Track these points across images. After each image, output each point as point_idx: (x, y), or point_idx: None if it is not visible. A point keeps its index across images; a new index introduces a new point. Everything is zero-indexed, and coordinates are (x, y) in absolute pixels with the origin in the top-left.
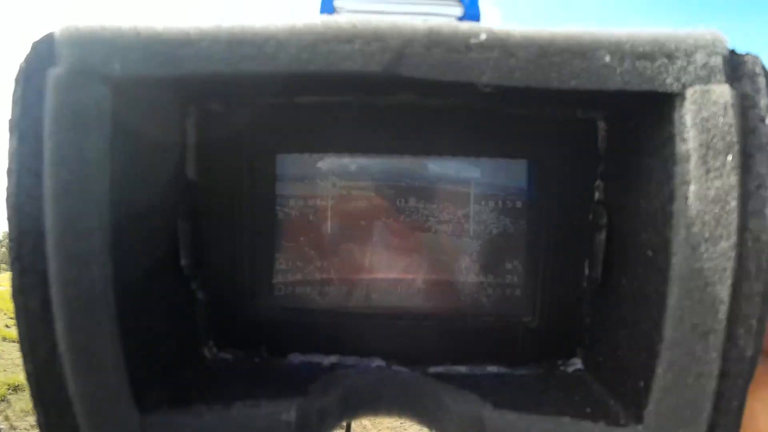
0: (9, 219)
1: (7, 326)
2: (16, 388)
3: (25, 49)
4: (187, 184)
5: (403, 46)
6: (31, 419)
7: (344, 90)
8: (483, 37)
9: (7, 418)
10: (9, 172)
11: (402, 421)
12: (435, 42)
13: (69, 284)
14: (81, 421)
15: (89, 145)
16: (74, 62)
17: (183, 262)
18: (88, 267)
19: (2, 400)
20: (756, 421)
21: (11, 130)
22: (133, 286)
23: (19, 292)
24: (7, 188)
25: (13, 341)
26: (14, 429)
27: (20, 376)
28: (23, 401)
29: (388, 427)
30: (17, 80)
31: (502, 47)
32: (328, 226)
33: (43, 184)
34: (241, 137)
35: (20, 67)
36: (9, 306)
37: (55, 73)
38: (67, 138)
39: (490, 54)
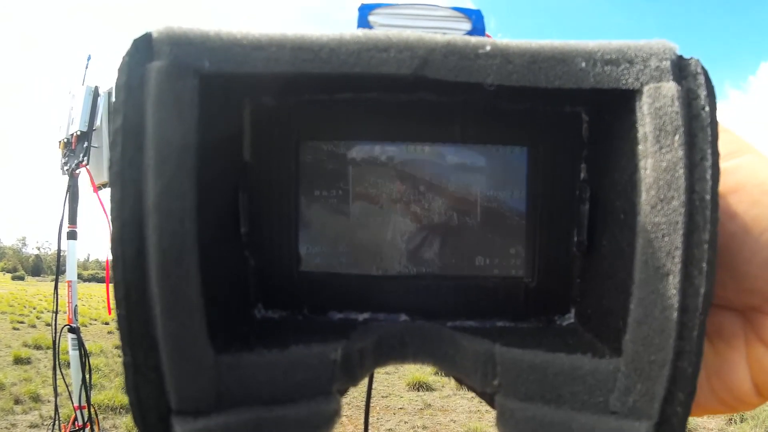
0: (112, 184)
1: None
2: None
3: (126, 45)
4: (244, 165)
5: (427, 54)
6: (12, 418)
7: (374, 88)
8: (488, 47)
9: None
10: (113, 144)
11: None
12: (451, 51)
13: (166, 235)
14: (165, 359)
15: (183, 124)
16: (173, 58)
17: (242, 230)
18: (182, 222)
19: None
20: (735, 368)
21: (116, 111)
22: (207, 245)
23: (118, 243)
24: (111, 157)
25: None
26: None
27: (0, 375)
28: (3, 400)
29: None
30: (121, 70)
31: (503, 55)
32: (355, 204)
33: (144, 154)
34: (288, 126)
35: (123, 59)
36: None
37: (156, 66)
38: (167, 118)
39: (494, 61)
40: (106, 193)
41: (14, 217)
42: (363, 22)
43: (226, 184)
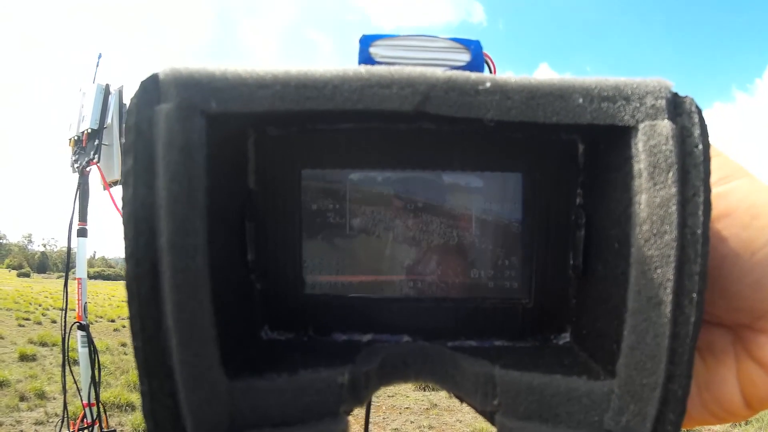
0: (125, 222)
1: None
2: (1, 384)
3: (135, 87)
4: (249, 192)
5: (429, 90)
6: (17, 415)
7: (376, 119)
8: (488, 84)
9: None
10: (125, 185)
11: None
12: (452, 87)
13: (179, 272)
14: (181, 387)
15: (193, 164)
16: (180, 101)
17: (249, 257)
18: (194, 258)
19: None
20: (725, 382)
21: (127, 151)
22: (217, 275)
23: (133, 280)
24: (124, 197)
25: None
26: (0, 424)
27: (5, 372)
28: (8, 397)
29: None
30: (130, 112)
31: (502, 91)
32: (356, 227)
33: (155, 194)
34: (291, 154)
35: (132, 101)
36: None
37: (165, 108)
38: (177, 159)
39: (493, 97)
40: (117, 191)
41: (20, 214)
42: (364, 53)
43: (233, 212)
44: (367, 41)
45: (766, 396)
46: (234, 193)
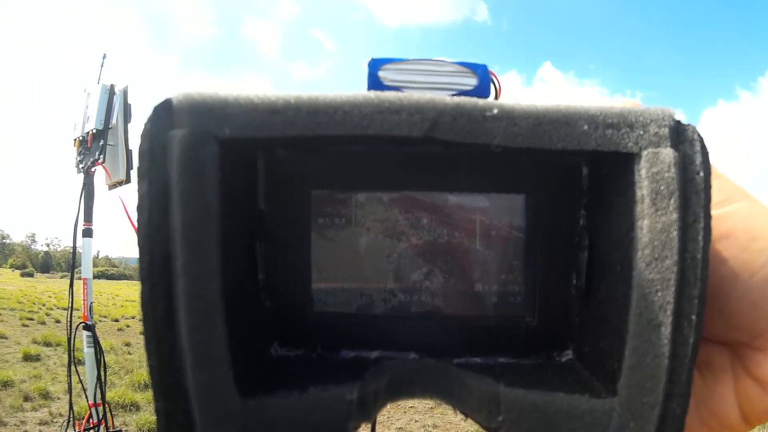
0: (140, 246)
1: None
2: (5, 384)
3: (148, 112)
4: (259, 213)
5: (437, 117)
6: (21, 415)
7: (385, 142)
8: (495, 111)
9: None
10: (140, 209)
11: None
12: (460, 114)
13: (194, 296)
14: (195, 407)
15: (207, 189)
16: (194, 127)
17: (260, 276)
18: (208, 282)
19: None
20: (723, 398)
21: (142, 176)
22: (229, 297)
23: (148, 302)
24: (139, 221)
25: (2, 337)
26: (4, 424)
27: (9, 372)
28: (12, 397)
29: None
30: (143, 136)
31: (509, 118)
32: (363, 246)
33: (169, 218)
34: (300, 175)
35: (145, 126)
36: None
37: (178, 135)
38: (191, 185)
39: (500, 123)
40: (124, 191)
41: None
42: (373, 76)
43: (244, 233)
44: (375, 65)
45: (763, 411)
46: (245, 214)
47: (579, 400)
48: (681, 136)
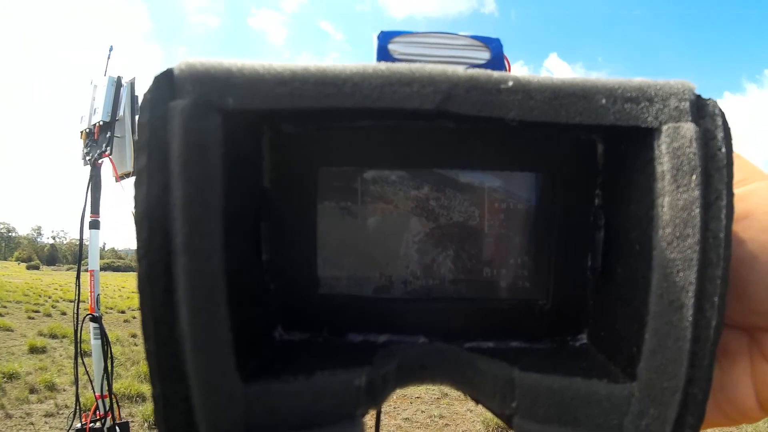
0: (138, 222)
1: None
2: (11, 377)
3: (146, 78)
4: (263, 191)
5: (450, 89)
6: (27, 407)
7: (395, 116)
8: (510, 83)
9: (2, 406)
10: (138, 183)
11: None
12: (474, 86)
13: (195, 274)
14: (195, 392)
15: (208, 163)
16: (196, 97)
17: (264, 257)
18: (209, 260)
19: None
20: (740, 384)
21: (140, 149)
22: (232, 277)
23: (146, 282)
24: (136, 197)
25: (7, 330)
26: (10, 417)
27: (15, 365)
28: (18, 389)
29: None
30: (143, 108)
31: (524, 91)
32: (371, 226)
33: (169, 194)
34: (307, 152)
35: (145, 97)
36: (2, 294)
37: (180, 105)
38: (192, 158)
39: (516, 96)
40: (129, 183)
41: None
42: (383, 49)
43: (247, 210)
44: (386, 38)
45: None
46: (249, 191)
47: (597, 385)
48: (702, 110)
